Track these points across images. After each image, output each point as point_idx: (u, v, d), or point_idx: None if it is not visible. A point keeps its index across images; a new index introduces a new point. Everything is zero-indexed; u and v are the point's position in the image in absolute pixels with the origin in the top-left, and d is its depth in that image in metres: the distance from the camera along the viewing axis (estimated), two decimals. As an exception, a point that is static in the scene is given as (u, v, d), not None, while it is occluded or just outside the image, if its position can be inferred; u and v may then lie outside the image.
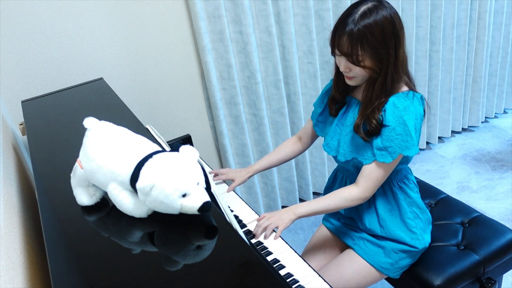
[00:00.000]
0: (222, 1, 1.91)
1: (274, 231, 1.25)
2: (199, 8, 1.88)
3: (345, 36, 1.15)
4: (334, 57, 1.26)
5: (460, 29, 2.68)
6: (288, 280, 1.14)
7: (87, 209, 0.98)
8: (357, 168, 1.35)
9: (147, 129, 1.38)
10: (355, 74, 1.22)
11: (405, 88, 1.26)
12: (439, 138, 3.03)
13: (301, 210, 1.28)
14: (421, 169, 2.78)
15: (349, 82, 1.27)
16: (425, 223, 1.41)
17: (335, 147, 1.37)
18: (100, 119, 0.99)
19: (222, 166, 2.34)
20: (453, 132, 3.08)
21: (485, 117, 3.20)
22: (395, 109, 1.21)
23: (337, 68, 1.31)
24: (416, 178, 1.78)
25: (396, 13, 1.19)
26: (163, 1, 1.88)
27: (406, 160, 1.32)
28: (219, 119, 2.13)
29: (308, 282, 1.13)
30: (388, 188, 1.36)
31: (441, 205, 1.63)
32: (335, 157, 1.39)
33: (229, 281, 0.78)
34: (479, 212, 1.56)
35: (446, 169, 2.74)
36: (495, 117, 3.23)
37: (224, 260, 0.84)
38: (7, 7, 1.63)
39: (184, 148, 0.91)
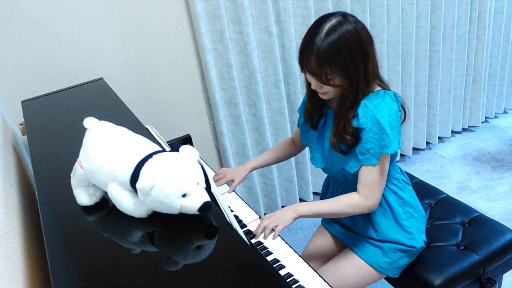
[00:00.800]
0: (222, 1, 1.91)
1: (273, 230, 1.25)
2: (199, 8, 1.88)
3: (313, 56, 1.13)
4: (305, 73, 1.24)
5: (460, 29, 2.68)
6: (288, 280, 1.14)
7: (87, 209, 0.98)
8: (346, 177, 1.35)
9: (147, 129, 1.38)
10: (327, 90, 1.21)
11: (377, 88, 1.25)
12: (439, 138, 3.03)
13: (303, 209, 1.27)
14: (421, 169, 2.78)
15: (323, 97, 1.26)
16: (421, 222, 1.41)
17: (321, 159, 1.36)
18: (100, 119, 0.99)
19: (222, 166, 2.34)
20: (453, 132, 3.08)
21: (485, 117, 3.20)
22: (366, 109, 1.19)
23: (308, 85, 1.30)
24: (416, 178, 1.79)
25: (362, 27, 1.16)
26: (163, 1, 1.88)
27: (391, 159, 1.31)
28: (219, 119, 2.13)
29: (308, 282, 1.13)
30: None
31: (441, 205, 1.63)
32: (323, 169, 1.38)
33: (229, 281, 0.78)
34: (479, 212, 1.56)
35: (446, 169, 2.74)
36: (495, 117, 3.23)
37: (224, 260, 0.84)
38: (7, 7, 1.63)
39: (184, 148, 0.91)
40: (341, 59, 1.13)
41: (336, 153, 1.29)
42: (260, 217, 1.40)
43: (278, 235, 1.25)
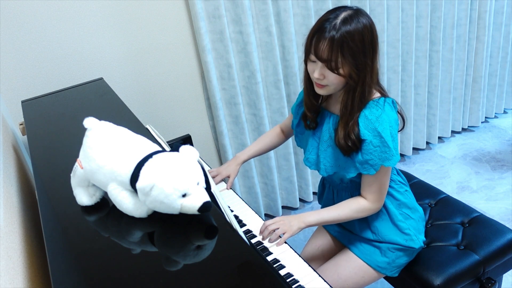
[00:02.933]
0: (222, 1, 1.91)
1: (280, 236, 1.24)
2: (199, 8, 1.88)
3: (325, 41, 1.12)
4: (305, 64, 1.22)
5: (460, 29, 2.68)
6: (288, 280, 1.14)
7: (87, 209, 0.98)
8: (341, 180, 1.35)
9: (147, 129, 1.38)
10: (329, 83, 1.18)
11: (376, 95, 1.24)
12: (439, 138, 3.03)
13: (311, 219, 1.26)
14: (421, 169, 2.78)
15: (320, 91, 1.22)
16: (418, 222, 1.41)
17: (315, 161, 1.35)
18: (100, 119, 0.99)
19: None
20: (453, 132, 3.08)
21: (485, 117, 3.20)
22: (368, 121, 1.18)
23: (307, 78, 1.27)
24: (416, 178, 1.79)
25: (373, 23, 1.17)
26: (163, 1, 1.88)
27: None
28: (219, 119, 2.13)
29: (308, 282, 1.13)
30: None
31: (441, 205, 1.63)
32: (318, 171, 1.38)
33: (229, 281, 0.78)
34: (479, 212, 1.56)
35: (446, 169, 2.74)
36: (495, 117, 3.23)
37: (224, 260, 0.84)
38: (7, 7, 1.63)
39: (184, 148, 0.91)
40: (353, 47, 1.12)
41: (332, 157, 1.29)
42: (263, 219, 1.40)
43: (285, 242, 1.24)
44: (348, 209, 1.28)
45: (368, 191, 1.27)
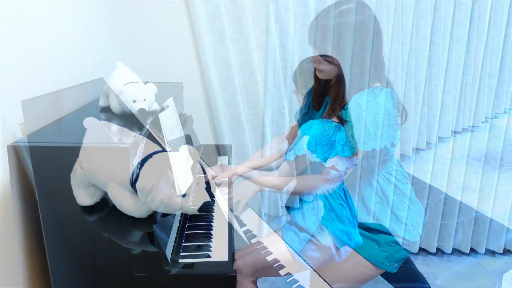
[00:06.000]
0: (222, 1, 1.91)
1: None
2: (199, 8, 1.88)
3: (317, 28, 1.21)
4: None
5: (460, 29, 2.68)
6: (288, 280, 1.14)
7: (87, 209, 0.98)
8: None
9: (147, 129, 1.38)
10: (323, 68, 1.26)
11: (377, 85, 1.28)
12: (439, 138, 3.02)
13: (241, 169, 1.34)
14: (421, 169, 2.77)
15: (318, 75, 1.30)
16: (417, 215, 1.42)
17: None
18: (100, 119, 0.99)
19: (222, 167, 2.34)
20: (453, 132, 3.08)
21: (485, 117, 3.20)
22: (356, 105, 1.24)
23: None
24: (416, 178, 1.79)
25: (369, 16, 1.21)
26: (163, 1, 1.88)
27: (386, 152, 1.32)
28: (219, 119, 2.13)
29: (308, 281, 1.13)
30: (375, 181, 1.37)
31: (441, 205, 1.63)
32: None
33: (228, 281, 0.78)
34: (479, 212, 1.56)
35: (446, 169, 2.74)
36: (495, 117, 3.23)
37: (224, 260, 0.84)
38: (7, 7, 1.63)
39: (184, 148, 0.91)
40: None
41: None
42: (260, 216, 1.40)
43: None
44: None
45: (328, 168, 1.27)
